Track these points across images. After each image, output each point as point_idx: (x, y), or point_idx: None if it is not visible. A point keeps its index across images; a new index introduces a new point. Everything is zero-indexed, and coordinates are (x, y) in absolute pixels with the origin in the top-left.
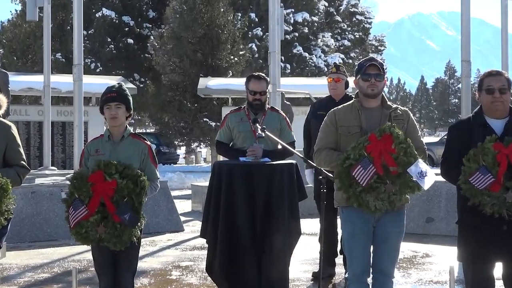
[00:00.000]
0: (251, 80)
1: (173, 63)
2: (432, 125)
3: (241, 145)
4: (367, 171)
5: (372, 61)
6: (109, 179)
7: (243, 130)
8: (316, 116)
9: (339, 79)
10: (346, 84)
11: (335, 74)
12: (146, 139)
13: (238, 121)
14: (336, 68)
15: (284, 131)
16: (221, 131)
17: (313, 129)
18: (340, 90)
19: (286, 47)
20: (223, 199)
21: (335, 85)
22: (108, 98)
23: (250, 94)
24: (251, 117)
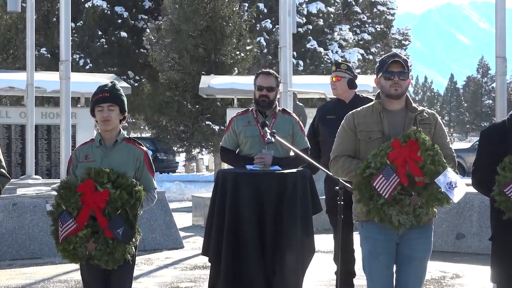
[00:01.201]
0: (259, 75)
1: (172, 59)
2: (463, 129)
3: (248, 152)
4: (389, 181)
5: (395, 57)
6: (100, 189)
7: (250, 135)
8: (325, 121)
9: (338, 77)
10: (350, 83)
11: (334, 73)
12: (142, 144)
13: (245, 125)
14: (336, 66)
15: (297, 136)
16: (226, 136)
17: (322, 136)
18: (341, 90)
19: (299, 41)
20: (227, 213)
21: (333, 84)
22: (100, 99)
23: (258, 90)
24: (259, 120)
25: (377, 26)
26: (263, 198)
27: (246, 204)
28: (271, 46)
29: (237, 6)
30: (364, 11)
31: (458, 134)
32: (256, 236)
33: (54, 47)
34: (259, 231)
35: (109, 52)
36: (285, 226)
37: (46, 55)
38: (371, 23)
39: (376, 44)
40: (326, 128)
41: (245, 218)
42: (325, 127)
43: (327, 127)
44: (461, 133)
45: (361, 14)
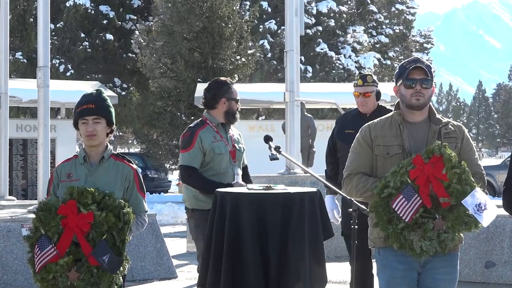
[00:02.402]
0: (231, 87)
1: (164, 64)
2: (493, 143)
3: (215, 171)
4: (411, 203)
5: (417, 63)
6: (84, 211)
7: (220, 152)
8: (343, 136)
9: (368, 93)
10: (378, 95)
11: (362, 88)
12: (132, 161)
13: (212, 141)
14: (362, 80)
15: (244, 151)
16: (192, 153)
17: (341, 153)
18: (371, 106)
19: (307, 44)
20: (226, 238)
21: (364, 101)
22: (84, 111)
23: (236, 103)
24: (222, 135)
25: (395, 27)
26: (267, 222)
27: (248, 229)
28: (275, 50)
29: (237, 5)
30: (380, 10)
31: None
32: (259, 265)
33: (31, 51)
34: (262, 260)
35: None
36: (291, 254)
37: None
38: (388, 24)
39: (395, 48)
40: (345, 144)
41: (247, 244)
42: (343, 142)
43: (345, 143)
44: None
45: (377, 13)
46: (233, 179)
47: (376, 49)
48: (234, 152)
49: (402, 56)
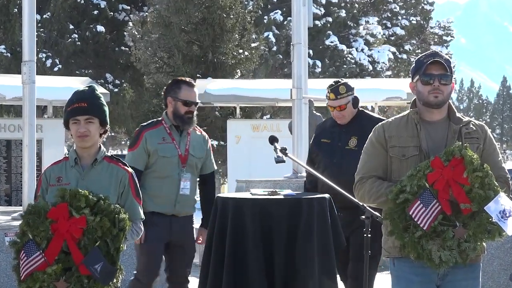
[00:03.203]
0: (181, 86)
1: (160, 59)
2: None
3: (158, 174)
4: (429, 209)
5: (435, 57)
6: (76, 215)
7: (165, 155)
8: (319, 145)
9: (343, 105)
10: (355, 103)
11: (336, 101)
12: (127, 164)
13: (159, 142)
14: (334, 93)
15: (208, 156)
16: (135, 153)
17: (316, 163)
18: (348, 117)
19: (316, 37)
20: (228, 248)
21: (339, 114)
22: (76, 110)
23: (184, 105)
24: (174, 137)
25: (412, 18)
26: (272, 231)
27: (251, 238)
28: (281, 43)
29: None
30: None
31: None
32: (263, 278)
33: (15, 44)
34: (267, 272)
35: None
36: (299, 265)
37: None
38: (405, 15)
39: (411, 41)
40: (320, 153)
41: (250, 255)
42: (319, 151)
43: (321, 152)
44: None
45: (392, 3)
46: (178, 184)
47: (391, 42)
48: (185, 157)
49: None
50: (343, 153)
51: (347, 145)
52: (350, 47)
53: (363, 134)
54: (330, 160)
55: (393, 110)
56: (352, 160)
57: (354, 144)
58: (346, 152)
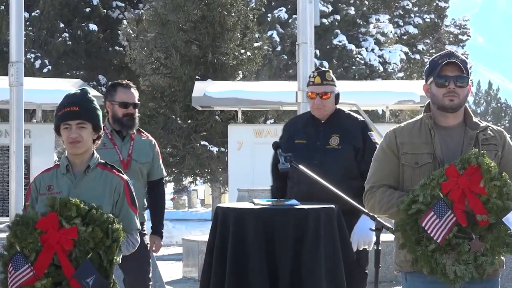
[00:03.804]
0: (117, 89)
1: (156, 59)
2: None
3: None
4: (443, 221)
5: (451, 57)
6: (66, 226)
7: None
8: (293, 147)
9: (328, 93)
10: (337, 98)
11: (321, 87)
12: (122, 171)
13: (99, 148)
14: (320, 77)
15: (156, 163)
16: None
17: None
18: (329, 110)
19: (323, 36)
20: (229, 262)
21: (321, 104)
22: (67, 114)
23: (120, 107)
24: (116, 142)
25: (425, 16)
26: (276, 244)
27: (254, 251)
28: (286, 43)
29: None
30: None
31: None
32: None
33: (1, 44)
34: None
35: (74, 51)
36: (305, 281)
37: None
38: (418, 12)
39: (425, 40)
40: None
41: (252, 269)
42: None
43: (295, 154)
44: None
45: (404, 0)
46: None
47: (403, 41)
48: (128, 163)
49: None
50: (325, 152)
51: (328, 144)
52: (359, 47)
53: (345, 133)
54: (310, 161)
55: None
56: (336, 160)
57: (336, 142)
58: (327, 151)
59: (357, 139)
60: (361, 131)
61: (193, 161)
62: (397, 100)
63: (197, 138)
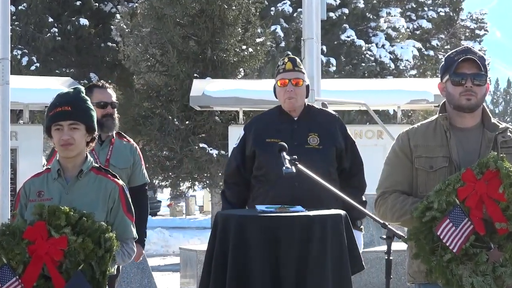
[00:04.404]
0: (93, 90)
1: (152, 56)
2: None
3: None
4: (460, 229)
5: (467, 54)
6: (56, 235)
7: None
8: (264, 147)
9: (300, 80)
10: (308, 90)
11: (293, 73)
12: (117, 176)
13: None
14: (292, 62)
15: (137, 168)
16: None
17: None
18: (301, 101)
19: (330, 31)
20: (230, 272)
21: (293, 91)
22: (59, 114)
23: (98, 108)
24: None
25: (440, 10)
26: (280, 252)
27: (256, 261)
28: (291, 38)
29: None
30: None
31: None
32: None
33: None
34: None
35: (64, 47)
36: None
37: None
38: (432, 6)
39: (439, 35)
40: (267, 156)
41: (255, 280)
42: (265, 154)
43: (268, 155)
44: None
45: None
46: None
47: (416, 36)
48: None
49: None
50: (304, 153)
51: (306, 143)
52: (369, 42)
53: (324, 132)
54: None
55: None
56: (317, 162)
57: (316, 142)
58: (307, 152)
59: (338, 139)
60: (339, 129)
61: (191, 164)
62: (409, 99)
63: (195, 140)
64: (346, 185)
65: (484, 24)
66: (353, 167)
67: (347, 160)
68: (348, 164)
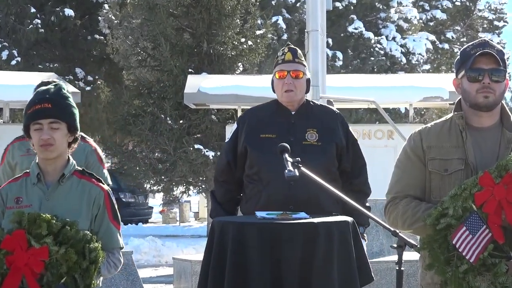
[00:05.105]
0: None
1: (143, 50)
2: None
3: None
4: (477, 237)
5: (485, 47)
6: (36, 245)
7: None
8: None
9: (300, 72)
10: (308, 85)
11: (292, 64)
12: (102, 180)
13: (22, 154)
14: (292, 53)
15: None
16: (2, 169)
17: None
18: (300, 95)
19: (336, 22)
20: (228, 285)
21: (292, 84)
22: (38, 112)
23: None
24: None
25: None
26: (282, 262)
27: (256, 272)
28: (294, 30)
29: None
30: None
31: None
32: None
33: None
34: None
35: (47, 40)
36: None
37: None
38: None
39: (455, 27)
40: (261, 154)
41: None
42: (258, 151)
43: (262, 152)
44: None
45: None
46: None
47: (430, 28)
48: None
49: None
50: (302, 150)
51: (304, 139)
52: (378, 35)
53: (324, 127)
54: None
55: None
56: (316, 159)
57: (315, 138)
58: (305, 148)
59: (339, 136)
60: (341, 125)
61: (186, 167)
62: (422, 96)
63: (190, 141)
64: (348, 188)
65: (503, 15)
66: (354, 168)
67: (347, 160)
68: (349, 164)
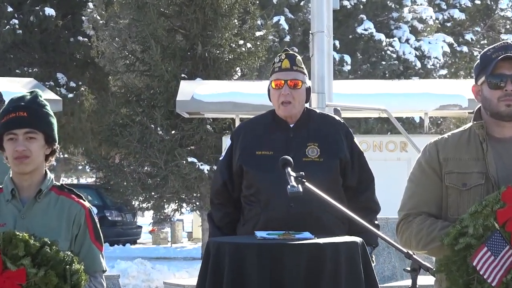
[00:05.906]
0: None
1: (131, 53)
2: None
3: None
4: (499, 258)
5: (508, 51)
6: (12, 267)
7: None
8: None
9: (298, 81)
10: (308, 94)
11: (290, 73)
12: (83, 197)
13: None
14: (289, 60)
15: None
16: None
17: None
18: (299, 107)
19: (344, 23)
20: None
21: (289, 94)
22: (13, 121)
23: None
24: None
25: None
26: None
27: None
28: (297, 32)
29: None
30: None
31: None
32: None
33: None
34: None
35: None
36: None
37: None
38: None
39: (474, 28)
40: (257, 174)
41: None
42: (254, 170)
43: (258, 172)
44: None
45: None
46: None
47: (447, 29)
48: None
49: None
50: (302, 167)
51: (304, 155)
52: (390, 36)
53: (326, 141)
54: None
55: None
56: (317, 177)
57: (316, 154)
58: (305, 166)
59: (343, 149)
60: (345, 138)
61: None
62: (438, 104)
63: (182, 153)
64: (354, 206)
65: None
66: (361, 183)
67: (353, 175)
68: (354, 180)
